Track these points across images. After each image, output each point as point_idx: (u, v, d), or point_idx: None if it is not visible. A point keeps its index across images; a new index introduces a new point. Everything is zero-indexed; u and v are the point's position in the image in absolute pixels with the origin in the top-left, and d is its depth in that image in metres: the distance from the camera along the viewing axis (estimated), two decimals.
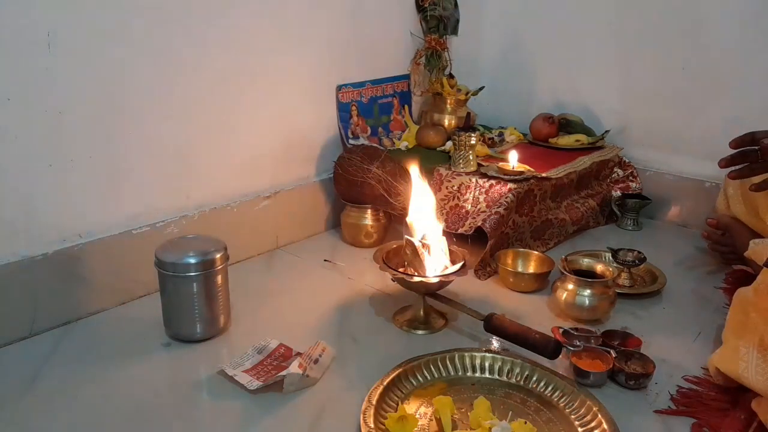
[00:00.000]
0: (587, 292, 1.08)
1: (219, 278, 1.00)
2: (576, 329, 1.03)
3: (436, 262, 1.05)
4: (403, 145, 1.56)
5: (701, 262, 1.38)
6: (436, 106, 1.65)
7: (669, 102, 1.58)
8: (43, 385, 0.90)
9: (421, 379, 0.91)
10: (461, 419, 0.83)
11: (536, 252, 1.29)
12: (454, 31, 1.69)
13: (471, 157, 1.38)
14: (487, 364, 0.94)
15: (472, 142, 1.37)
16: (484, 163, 1.41)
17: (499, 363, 0.94)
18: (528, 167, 1.38)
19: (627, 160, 1.63)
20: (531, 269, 1.27)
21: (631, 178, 1.62)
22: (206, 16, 1.17)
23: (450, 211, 1.35)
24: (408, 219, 1.08)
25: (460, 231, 1.31)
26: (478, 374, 0.93)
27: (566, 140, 1.61)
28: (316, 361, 0.91)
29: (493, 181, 1.32)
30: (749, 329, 0.82)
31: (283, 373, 0.88)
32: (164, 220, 1.18)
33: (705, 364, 0.96)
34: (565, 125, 1.67)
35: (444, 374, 0.93)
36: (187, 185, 1.22)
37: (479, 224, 1.26)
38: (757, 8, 1.41)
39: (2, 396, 0.87)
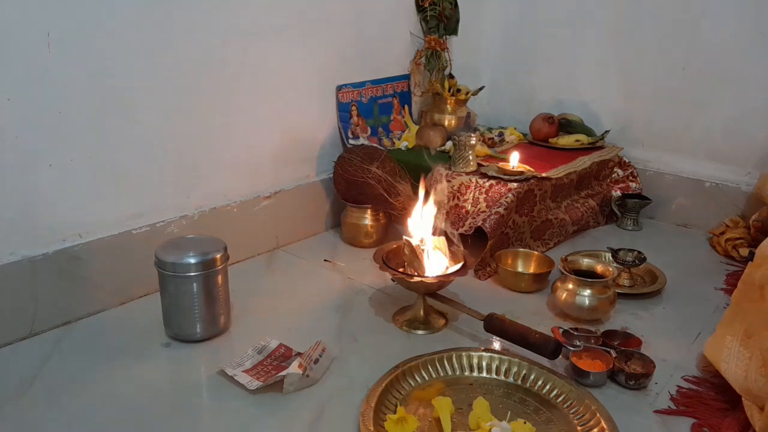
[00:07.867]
0: (587, 292, 1.08)
1: (219, 278, 1.00)
2: (576, 329, 1.03)
3: (436, 262, 1.05)
4: (403, 145, 1.56)
5: (701, 262, 1.38)
6: (436, 106, 1.65)
7: (669, 102, 1.58)
8: (43, 385, 0.90)
9: (419, 379, 0.91)
10: (460, 420, 0.83)
11: (536, 252, 1.29)
12: (454, 31, 1.69)
13: (471, 157, 1.38)
14: (484, 364, 0.94)
15: (472, 142, 1.37)
16: (484, 163, 1.41)
17: (497, 362, 0.94)
18: (528, 167, 1.38)
19: (627, 160, 1.63)
20: (531, 269, 1.27)
21: (631, 178, 1.62)
22: (207, 16, 1.17)
23: (450, 211, 1.35)
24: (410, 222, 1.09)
25: (460, 231, 1.31)
26: (476, 374, 0.93)
27: (566, 140, 1.61)
28: (316, 361, 0.91)
29: (493, 181, 1.32)
30: (738, 319, 0.83)
31: (283, 373, 0.88)
32: (164, 220, 1.18)
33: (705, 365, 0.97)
34: (565, 125, 1.67)
35: (442, 374, 0.93)
36: (187, 185, 1.22)
37: (479, 224, 1.26)
38: (757, 8, 1.41)
39: (2, 396, 0.87)
